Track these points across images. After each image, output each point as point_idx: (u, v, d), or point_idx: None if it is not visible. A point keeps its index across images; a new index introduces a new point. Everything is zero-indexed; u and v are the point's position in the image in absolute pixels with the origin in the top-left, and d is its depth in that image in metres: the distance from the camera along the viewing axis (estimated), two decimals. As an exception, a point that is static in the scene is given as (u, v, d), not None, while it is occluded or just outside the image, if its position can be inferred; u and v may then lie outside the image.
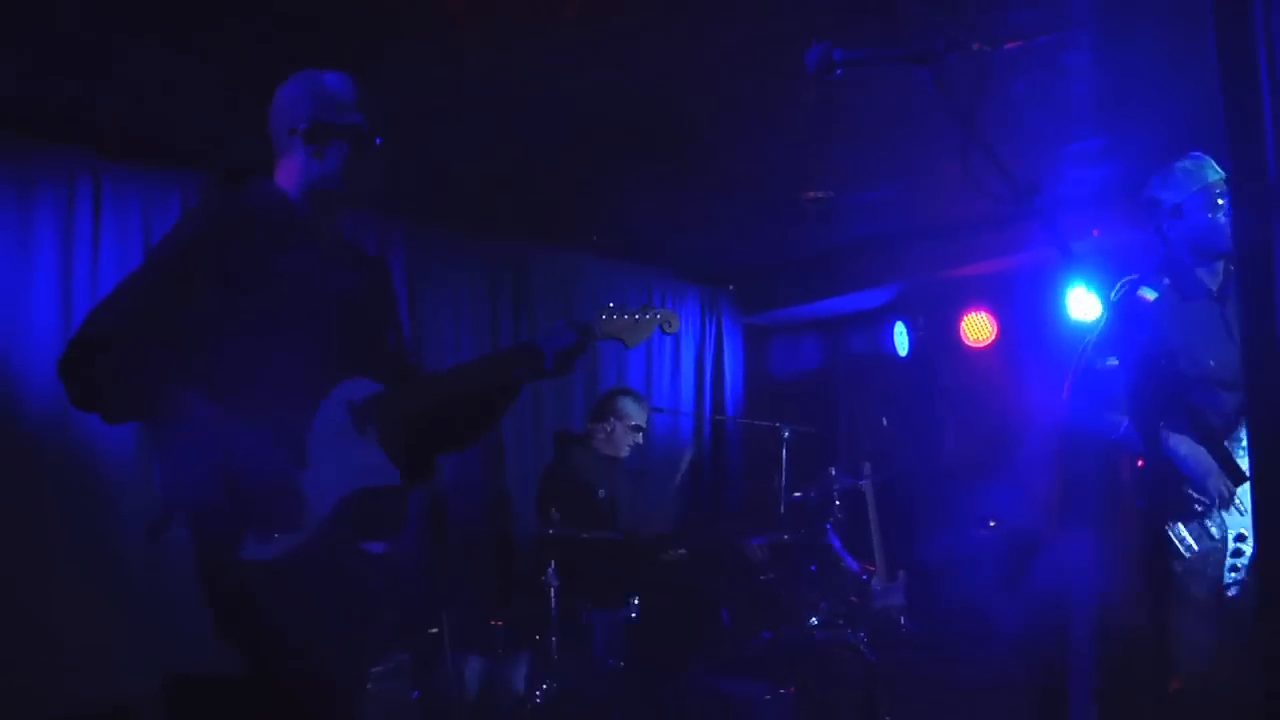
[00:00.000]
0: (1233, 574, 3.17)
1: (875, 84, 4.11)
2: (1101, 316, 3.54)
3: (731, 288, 7.64)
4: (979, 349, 6.54)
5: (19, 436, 4.19)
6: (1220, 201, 3.33)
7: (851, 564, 5.01)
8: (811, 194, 5.74)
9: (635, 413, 5.26)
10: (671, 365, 7.20)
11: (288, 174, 2.55)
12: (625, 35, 3.82)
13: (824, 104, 4.39)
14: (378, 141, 2.54)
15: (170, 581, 3.79)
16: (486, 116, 4.44)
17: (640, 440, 5.28)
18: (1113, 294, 3.48)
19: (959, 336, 6.62)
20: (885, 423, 6.54)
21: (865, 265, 6.81)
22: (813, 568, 4.77)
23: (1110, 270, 3.61)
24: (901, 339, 6.91)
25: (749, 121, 4.60)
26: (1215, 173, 3.36)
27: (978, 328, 6.59)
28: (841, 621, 4.57)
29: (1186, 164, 3.42)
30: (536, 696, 4.06)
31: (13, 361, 4.25)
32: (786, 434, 5.60)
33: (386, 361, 2.62)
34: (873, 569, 5.17)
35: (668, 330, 2.76)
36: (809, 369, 7.53)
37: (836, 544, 5.00)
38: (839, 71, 2.02)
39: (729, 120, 4.60)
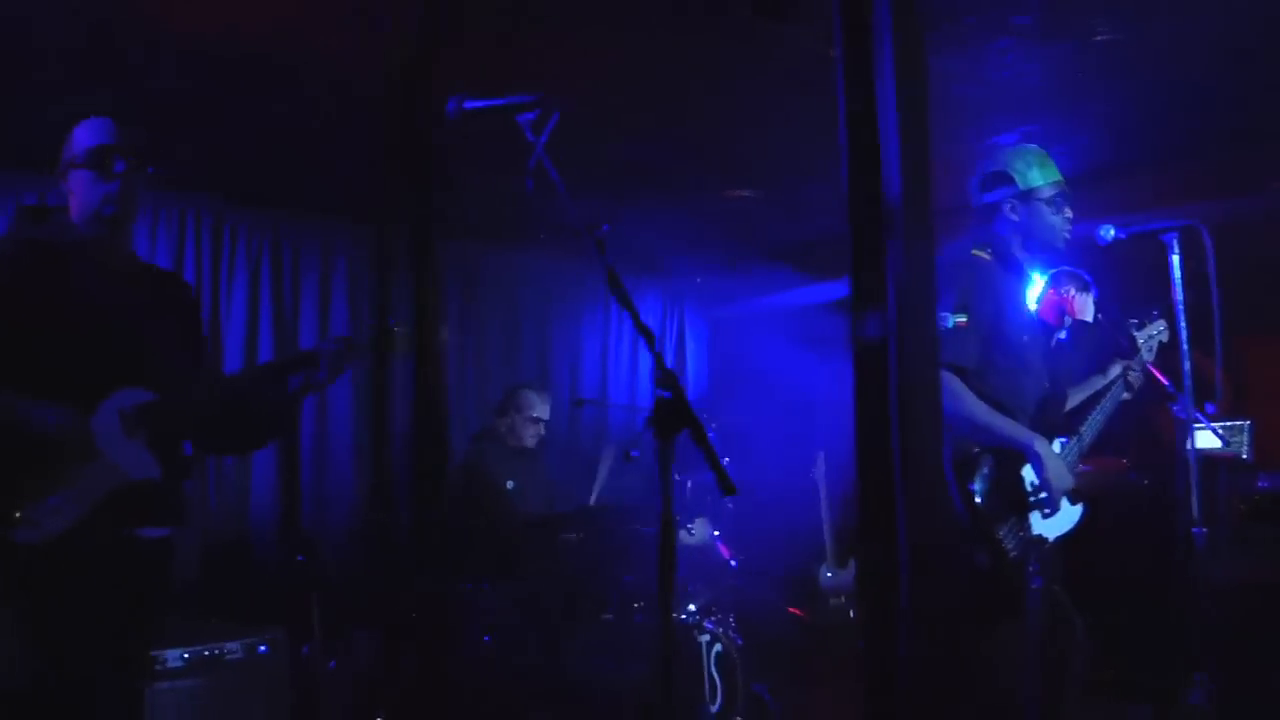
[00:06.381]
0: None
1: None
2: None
3: (699, 280, 7.85)
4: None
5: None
6: (1065, 204, 3.33)
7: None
8: (735, 193, 5.93)
9: (534, 404, 5.42)
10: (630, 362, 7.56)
11: (72, 208, 2.85)
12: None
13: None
14: (119, 165, 2.78)
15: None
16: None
17: (542, 431, 5.45)
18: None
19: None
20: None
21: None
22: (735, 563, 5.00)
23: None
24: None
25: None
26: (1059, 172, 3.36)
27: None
28: (714, 608, 4.81)
29: (1044, 153, 3.37)
30: (409, 669, 4.33)
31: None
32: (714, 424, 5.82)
33: (169, 371, 2.87)
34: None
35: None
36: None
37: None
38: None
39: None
